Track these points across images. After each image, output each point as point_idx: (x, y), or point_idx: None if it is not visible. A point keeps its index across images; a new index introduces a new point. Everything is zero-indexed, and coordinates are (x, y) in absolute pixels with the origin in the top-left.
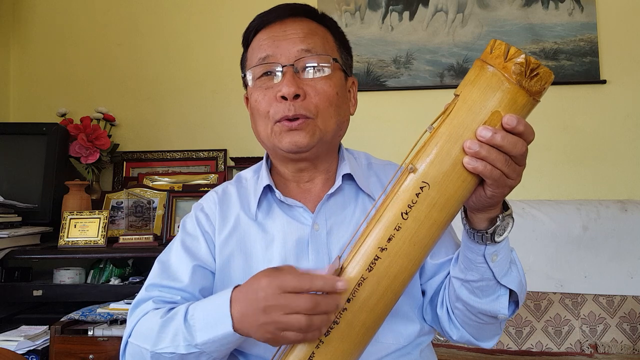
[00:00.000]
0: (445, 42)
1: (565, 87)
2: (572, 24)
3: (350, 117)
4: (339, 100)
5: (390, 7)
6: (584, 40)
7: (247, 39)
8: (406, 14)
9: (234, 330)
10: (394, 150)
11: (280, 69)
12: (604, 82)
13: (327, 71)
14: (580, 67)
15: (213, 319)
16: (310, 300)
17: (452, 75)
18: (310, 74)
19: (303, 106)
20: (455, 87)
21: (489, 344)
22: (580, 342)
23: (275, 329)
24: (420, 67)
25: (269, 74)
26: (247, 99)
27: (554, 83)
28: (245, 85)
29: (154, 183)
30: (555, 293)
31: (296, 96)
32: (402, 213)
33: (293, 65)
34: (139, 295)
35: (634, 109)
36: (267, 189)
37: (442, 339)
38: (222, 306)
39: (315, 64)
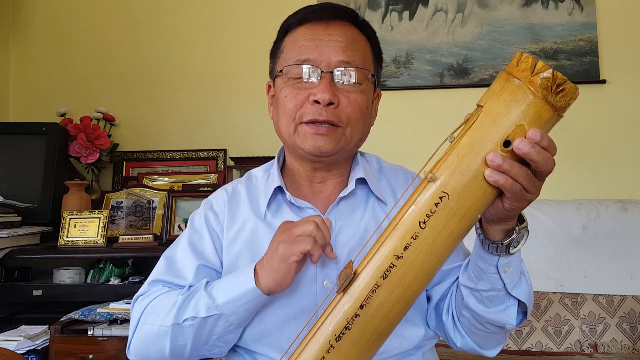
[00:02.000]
0: (445, 42)
1: None
2: (572, 24)
3: None
4: (367, 114)
5: (390, 7)
6: (584, 40)
7: (287, 29)
8: (406, 14)
9: (255, 285)
10: (394, 150)
11: (319, 74)
12: (604, 82)
13: (363, 85)
14: (580, 67)
15: (236, 282)
16: (317, 219)
17: (452, 75)
18: (346, 84)
19: (335, 114)
20: (455, 87)
21: (492, 353)
22: (580, 342)
23: (289, 240)
24: (420, 67)
25: (306, 77)
26: (269, 87)
27: None
28: (274, 75)
29: (154, 183)
30: (555, 293)
31: (330, 103)
32: (420, 222)
33: (332, 72)
34: (141, 290)
35: (634, 109)
36: (278, 190)
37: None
38: (247, 271)
39: (354, 77)
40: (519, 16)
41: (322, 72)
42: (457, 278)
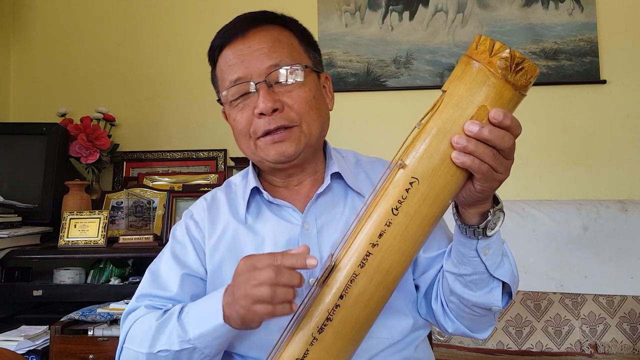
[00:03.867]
0: (445, 42)
1: (565, 87)
2: (572, 24)
3: (347, 117)
4: (318, 103)
5: (390, 7)
6: (584, 40)
7: (213, 57)
8: (406, 14)
9: (224, 322)
10: (394, 150)
11: (254, 87)
12: (604, 82)
13: (300, 79)
14: (580, 67)
15: (205, 314)
16: (272, 270)
17: None
18: (284, 84)
19: (283, 117)
20: None
21: (483, 335)
22: (580, 342)
23: (247, 303)
24: (420, 67)
25: (243, 94)
26: (224, 113)
27: (554, 83)
28: (221, 103)
29: (154, 183)
30: (555, 293)
31: (274, 110)
32: (392, 209)
33: (265, 80)
34: (129, 306)
35: (634, 109)
36: (255, 191)
37: (442, 339)
38: (215, 301)
39: (287, 76)
40: (519, 16)
41: (255, 84)
42: None
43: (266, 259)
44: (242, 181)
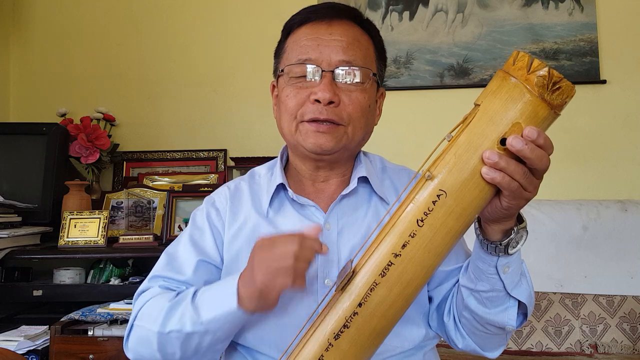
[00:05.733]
0: (445, 42)
1: None
2: (572, 24)
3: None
4: (369, 113)
5: (390, 7)
6: (584, 40)
7: (289, 29)
8: (406, 14)
9: (238, 305)
10: (394, 150)
11: (320, 73)
12: (604, 82)
13: (364, 84)
14: (580, 67)
15: (219, 298)
16: (296, 242)
17: (452, 75)
18: (347, 83)
19: (335, 112)
20: (455, 87)
21: (494, 354)
22: (580, 342)
23: (268, 275)
24: (420, 67)
25: (306, 75)
26: (273, 86)
27: None
28: (277, 75)
29: (154, 183)
30: (555, 293)
31: (330, 102)
32: (417, 220)
33: (333, 72)
34: (141, 286)
35: (634, 109)
36: (280, 187)
37: (441, 338)
38: (230, 286)
39: (354, 76)
40: (519, 16)
41: (322, 71)
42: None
43: (287, 235)
44: (267, 173)
